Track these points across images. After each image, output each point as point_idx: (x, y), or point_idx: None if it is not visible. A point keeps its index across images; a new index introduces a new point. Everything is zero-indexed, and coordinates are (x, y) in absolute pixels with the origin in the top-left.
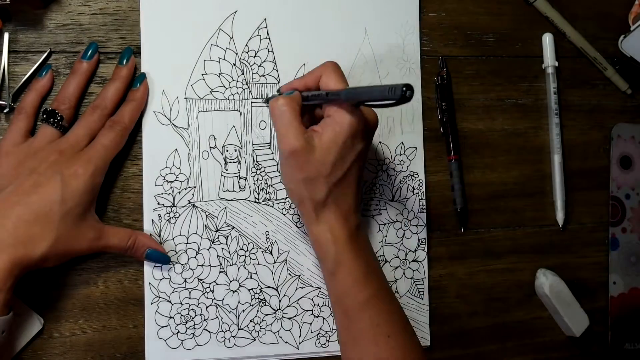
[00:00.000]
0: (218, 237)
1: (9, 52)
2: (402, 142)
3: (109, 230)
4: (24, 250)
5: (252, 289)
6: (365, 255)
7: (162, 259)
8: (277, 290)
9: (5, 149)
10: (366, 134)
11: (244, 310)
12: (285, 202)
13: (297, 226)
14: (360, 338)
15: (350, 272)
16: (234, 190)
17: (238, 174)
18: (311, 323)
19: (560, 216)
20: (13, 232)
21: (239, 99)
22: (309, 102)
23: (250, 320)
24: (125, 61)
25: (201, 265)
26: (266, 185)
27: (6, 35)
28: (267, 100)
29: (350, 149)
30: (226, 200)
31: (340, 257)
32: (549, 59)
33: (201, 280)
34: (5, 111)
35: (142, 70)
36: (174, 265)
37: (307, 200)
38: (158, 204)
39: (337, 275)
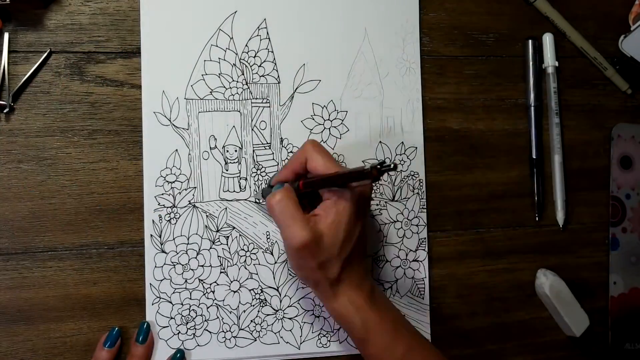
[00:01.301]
0: (219, 238)
1: (9, 52)
2: (402, 142)
3: None
4: None
5: (252, 289)
6: (389, 314)
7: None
8: (277, 290)
9: None
10: (364, 204)
11: (244, 311)
12: None
13: None
14: None
15: (380, 334)
16: (234, 191)
17: (238, 175)
18: (312, 323)
19: (560, 216)
20: None
21: (239, 100)
22: (304, 191)
23: (251, 321)
24: (141, 339)
25: (202, 266)
26: (266, 185)
27: (6, 35)
28: (262, 196)
29: (354, 225)
30: (227, 200)
31: (366, 323)
32: (549, 59)
33: (202, 280)
34: (5, 111)
35: (142, 71)
36: (174, 265)
37: (323, 281)
38: (158, 204)
39: (368, 341)
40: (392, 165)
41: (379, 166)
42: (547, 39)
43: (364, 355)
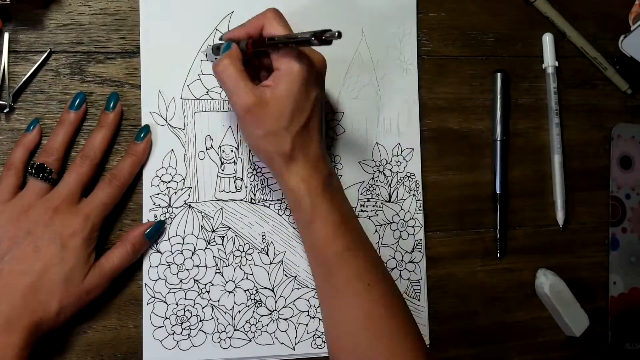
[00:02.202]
0: (214, 238)
1: (9, 52)
2: (399, 143)
3: (106, 260)
4: (36, 318)
5: (248, 290)
6: (339, 204)
7: (158, 228)
8: (273, 291)
9: None
10: (317, 78)
11: (239, 311)
12: (281, 203)
13: (293, 227)
14: (341, 290)
15: (327, 222)
16: (230, 191)
17: (234, 175)
18: (307, 324)
19: (560, 216)
20: (24, 304)
21: None
22: (254, 50)
23: (246, 321)
24: (111, 107)
25: (197, 266)
26: (262, 185)
27: (6, 35)
28: (212, 53)
29: (305, 97)
30: (222, 200)
31: (315, 207)
32: (549, 59)
33: (197, 280)
34: (5, 111)
35: (142, 70)
36: (169, 265)
37: (275, 155)
38: (154, 204)
39: (313, 225)
40: (336, 33)
41: (323, 36)
42: (547, 39)
43: (304, 243)
